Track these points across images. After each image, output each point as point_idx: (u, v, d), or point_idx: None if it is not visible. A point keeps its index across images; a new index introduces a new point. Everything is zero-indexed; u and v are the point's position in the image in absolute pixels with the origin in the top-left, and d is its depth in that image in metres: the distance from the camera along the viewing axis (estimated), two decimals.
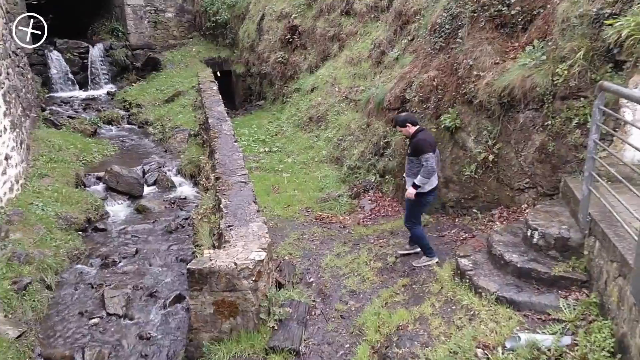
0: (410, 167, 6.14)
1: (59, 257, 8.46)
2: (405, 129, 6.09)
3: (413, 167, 6.07)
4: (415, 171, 6.02)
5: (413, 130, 6.06)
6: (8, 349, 5.93)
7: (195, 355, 6.09)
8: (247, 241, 6.79)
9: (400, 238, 7.67)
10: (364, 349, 5.35)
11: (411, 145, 6.07)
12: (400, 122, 6.12)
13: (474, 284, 5.04)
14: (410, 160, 6.11)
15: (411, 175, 6.10)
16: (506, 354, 4.01)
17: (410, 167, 6.14)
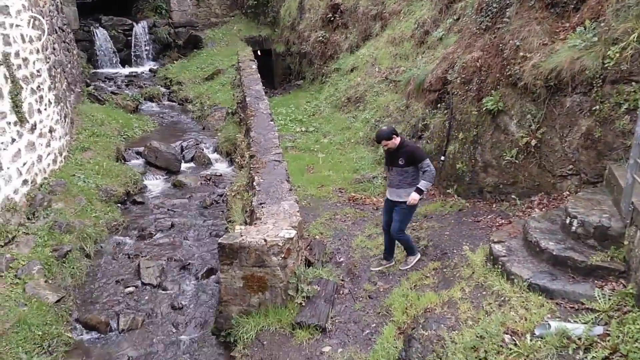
0: (403, 178, 5.97)
1: (98, 227, 8.76)
2: (391, 141, 5.85)
3: (407, 177, 5.95)
4: (409, 181, 5.93)
5: (398, 142, 5.91)
6: (47, 313, 6.21)
7: (224, 327, 6.22)
8: (278, 219, 6.83)
9: (433, 222, 7.53)
10: (390, 329, 5.31)
11: (403, 155, 5.88)
12: (386, 135, 5.85)
13: (507, 270, 4.88)
14: (403, 171, 5.94)
15: (405, 185, 5.96)
16: (534, 340, 3.87)
17: (403, 178, 5.97)
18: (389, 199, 6.21)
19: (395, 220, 6.12)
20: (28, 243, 7.18)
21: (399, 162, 5.87)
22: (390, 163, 6.06)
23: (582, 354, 3.59)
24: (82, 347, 6.20)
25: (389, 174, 6.17)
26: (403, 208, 6.02)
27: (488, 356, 4.01)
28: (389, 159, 6.09)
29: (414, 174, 5.91)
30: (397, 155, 5.89)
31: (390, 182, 6.14)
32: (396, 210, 6.10)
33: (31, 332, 5.76)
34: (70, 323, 6.49)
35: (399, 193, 6.00)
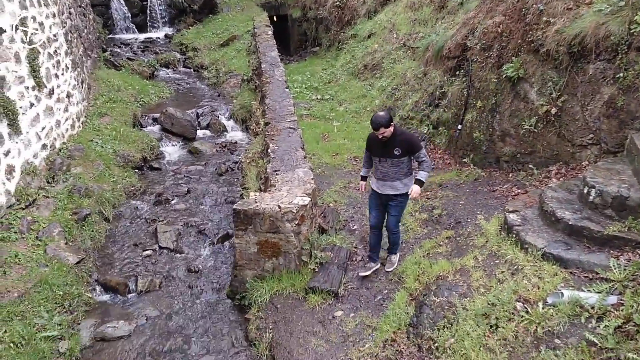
0: (399, 169, 5.35)
1: (116, 192, 8.91)
2: (388, 129, 5.11)
3: (403, 168, 5.36)
4: (405, 171, 5.38)
5: (393, 129, 5.21)
6: (68, 273, 6.40)
7: (239, 290, 6.35)
8: (292, 186, 6.85)
9: (448, 191, 7.48)
10: (402, 295, 5.36)
11: (399, 144, 5.22)
12: (385, 122, 5.06)
13: (521, 239, 4.85)
14: (399, 161, 5.31)
15: (401, 177, 5.38)
16: (546, 308, 3.88)
17: (399, 169, 5.35)
18: (381, 193, 5.54)
19: (393, 214, 5.61)
20: (48, 206, 7.34)
21: (395, 152, 5.23)
22: (382, 154, 5.34)
23: (595, 323, 3.59)
24: (102, 307, 6.40)
25: (380, 165, 5.43)
26: (400, 201, 5.52)
27: (499, 323, 4.04)
28: (381, 149, 5.33)
29: (408, 163, 5.38)
30: (392, 144, 5.23)
31: (384, 175, 5.43)
32: (392, 204, 5.55)
33: (52, 292, 5.95)
34: (90, 284, 6.68)
35: (394, 185, 5.42)
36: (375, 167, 5.51)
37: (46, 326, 5.46)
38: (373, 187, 5.63)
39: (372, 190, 5.68)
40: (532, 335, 3.79)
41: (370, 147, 5.56)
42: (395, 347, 4.75)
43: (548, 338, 3.70)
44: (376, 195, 5.64)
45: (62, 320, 5.66)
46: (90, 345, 5.64)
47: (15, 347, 5.03)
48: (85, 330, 5.80)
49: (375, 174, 5.55)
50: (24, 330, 5.22)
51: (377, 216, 5.78)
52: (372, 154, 5.54)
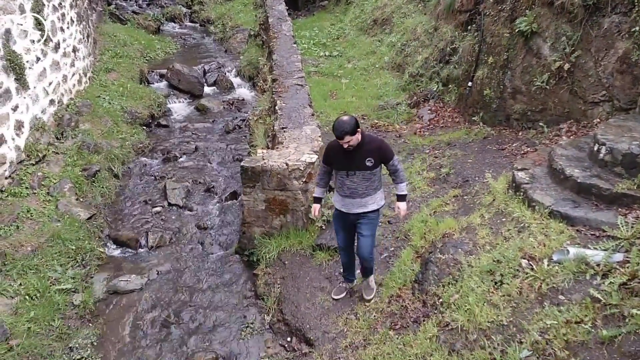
0: (370, 183, 4.43)
1: (125, 148, 8.95)
2: (355, 137, 4.17)
3: (374, 181, 4.44)
4: (376, 185, 4.48)
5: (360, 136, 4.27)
6: (79, 229, 6.51)
7: (247, 247, 6.45)
8: (300, 143, 6.82)
9: (457, 149, 7.42)
10: (408, 252, 5.41)
11: (370, 153, 4.29)
12: (351, 129, 4.10)
13: (529, 197, 4.83)
14: (370, 174, 4.38)
15: (371, 192, 4.47)
16: (552, 266, 3.90)
17: (370, 183, 4.43)
18: (350, 212, 4.57)
19: (367, 235, 4.63)
20: (58, 162, 7.39)
21: (367, 164, 4.29)
22: (350, 166, 4.35)
23: (600, 280, 3.61)
24: (113, 261, 6.54)
25: (347, 181, 4.41)
26: (373, 218, 4.61)
27: (504, 279, 4.08)
28: (347, 160, 4.33)
29: (379, 175, 4.47)
30: (361, 154, 4.28)
31: (352, 192, 4.44)
32: (363, 222, 4.58)
33: (65, 247, 6.07)
34: (101, 239, 6.81)
35: (364, 203, 4.48)
36: (340, 183, 4.48)
37: (60, 279, 5.61)
38: (337, 207, 4.65)
39: (337, 210, 4.71)
40: (536, 291, 3.83)
41: (331, 160, 4.48)
42: (400, 302, 4.84)
43: (552, 294, 3.74)
44: (342, 215, 4.65)
45: (76, 274, 5.81)
46: (103, 298, 5.81)
47: (31, 300, 5.19)
48: (98, 283, 5.95)
49: (340, 190, 4.53)
50: (39, 283, 5.37)
51: (345, 238, 4.84)
52: (335, 168, 4.50)
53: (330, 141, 4.47)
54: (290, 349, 5.00)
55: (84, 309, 5.45)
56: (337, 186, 4.61)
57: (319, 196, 4.82)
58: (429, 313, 4.44)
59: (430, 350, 3.96)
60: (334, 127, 4.15)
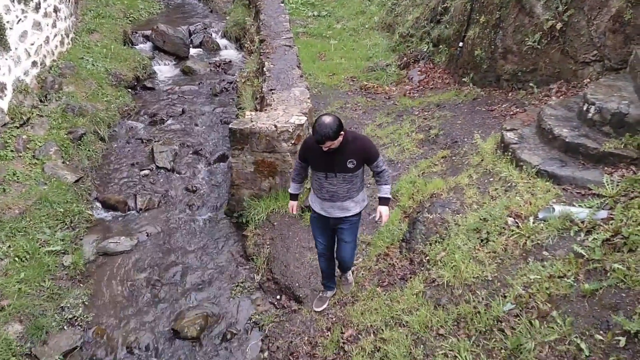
0: (351, 186, 3.94)
1: (111, 111, 8.79)
2: (338, 139, 3.64)
3: (356, 183, 3.96)
4: (358, 186, 4.00)
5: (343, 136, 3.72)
6: (67, 192, 6.46)
7: (236, 209, 6.46)
8: (288, 105, 6.75)
9: (446, 111, 7.39)
10: (396, 213, 5.46)
11: (353, 154, 3.78)
12: (333, 134, 3.55)
13: (517, 157, 4.85)
14: (352, 176, 3.88)
15: (353, 194, 3.99)
16: (537, 223, 3.97)
17: (351, 186, 3.94)
18: (329, 217, 4.10)
19: (347, 240, 4.23)
20: (43, 125, 7.26)
21: (348, 165, 3.78)
22: (330, 168, 3.84)
23: (584, 236, 3.68)
24: (102, 224, 6.53)
25: (326, 183, 3.92)
26: (354, 222, 4.18)
27: (490, 237, 4.14)
28: (327, 161, 3.81)
29: (362, 176, 4.02)
30: (343, 155, 3.76)
31: (332, 195, 3.95)
32: (344, 227, 4.16)
33: (53, 209, 6.03)
34: (89, 202, 6.77)
35: (345, 206, 4.01)
36: (318, 185, 4.00)
37: (49, 241, 5.60)
38: (316, 209, 4.17)
39: (315, 213, 4.22)
40: (521, 248, 3.90)
41: (308, 157, 4.00)
42: (388, 260, 4.92)
43: (536, 251, 3.81)
44: (320, 219, 4.20)
45: (65, 236, 5.80)
46: (93, 260, 5.82)
47: (20, 261, 5.19)
48: (87, 245, 5.95)
49: (319, 192, 4.05)
50: (28, 245, 5.36)
51: (325, 242, 4.39)
52: (312, 167, 4.01)
53: (308, 137, 4.00)
54: (280, 306, 5.09)
55: (74, 270, 5.47)
56: (314, 187, 4.09)
57: (294, 192, 4.38)
58: (416, 270, 4.52)
59: (417, 305, 4.04)
60: (314, 129, 3.58)
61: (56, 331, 4.76)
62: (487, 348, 3.38)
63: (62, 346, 4.63)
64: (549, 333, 3.16)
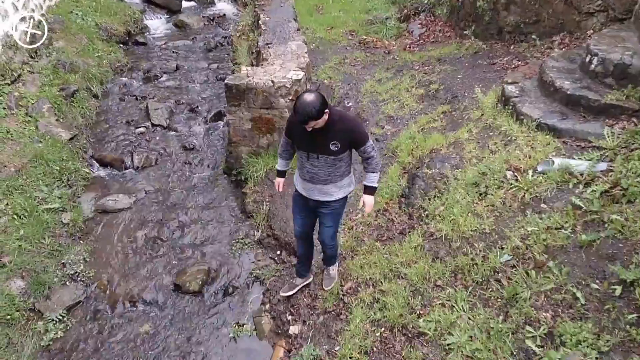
0: (334, 170, 3.66)
1: (103, 67, 8.61)
2: (322, 118, 3.35)
3: (340, 167, 3.68)
4: (342, 171, 3.72)
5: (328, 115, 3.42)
6: (62, 149, 6.39)
7: (234, 166, 6.43)
8: (285, 60, 6.62)
9: (447, 65, 7.26)
10: (395, 169, 5.45)
11: (337, 136, 3.48)
12: (316, 113, 3.27)
13: (517, 110, 4.79)
14: (335, 160, 3.60)
15: (336, 178, 3.72)
16: (536, 176, 3.96)
17: (334, 170, 3.66)
18: (310, 198, 3.87)
19: (328, 225, 3.98)
20: (34, 82, 7.10)
21: (331, 148, 3.51)
22: (312, 148, 3.59)
23: (582, 188, 3.68)
24: (100, 182, 6.50)
25: (307, 163, 3.68)
26: (335, 208, 3.90)
27: (488, 191, 4.15)
28: (309, 141, 3.57)
29: (347, 160, 3.74)
30: (326, 136, 3.50)
31: (312, 177, 3.72)
32: (324, 212, 3.92)
33: (49, 167, 5.99)
34: (85, 160, 6.72)
35: (326, 190, 3.76)
36: (301, 164, 3.78)
37: (47, 199, 5.59)
38: (297, 188, 3.96)
39: (296, 191, 4.01)
40: (520, 201, 3.91)
41: (292, 134, 3.74)
42: (387, 216, 4.94)
43: (535, 203, 3.82)
44: (301, 198, 3.97)
45: (62, 194, 5.78)
46: (92, 217, 5.83)
47: (19, 219, 5.18)
48: (86, 203, 5.94)
49: (300, 172, 3.83)
50: (25, 202, 5.34)
51: (303, 224, 4.15)
52: (296, 145, 3.77)
53: (292, 114, 3.58)
54: (280, 261, 5.15)
55: (73, 227, 5.49)
56: (298, 165, 3.87)
57: (281, 169, 4.14)
58: (415, 225, 4.55)
59: (415, 258, 4.09)
60: (295, 108, 3.32)
61: (59, 286, 4.82)
62: (484, 297, 3.44)
63: (66, 301, 4.70)
64: (545, 283, 3.21)
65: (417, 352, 3.34)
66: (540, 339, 2.95)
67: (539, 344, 2.93)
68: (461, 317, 3.37)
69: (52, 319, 4.50)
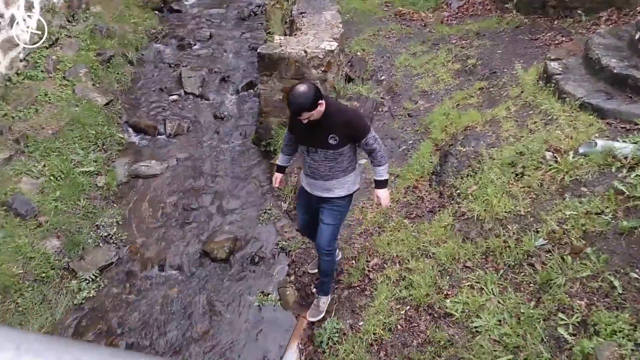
0: (334, 164, 3.52)
1: (138, 34, 8.65)
2: (317, 109, 3.25)
3: (342, 162, 3.53)
4: (345, 165, 3.55)
5: (324, 107, 3.32)
6: (98, 114, 6.50)
7: (264, 137, 6.42)
8: (319, 30, 6.50)
9: (485, 40, 7.00)
10: (428, 145, 5.33)
11: (335, 129, 3.37)
12: (309, 104, 3.19)
13: (560, 88, 4.59)
14: (336, 154, 3.46)
15: (338, 174, 3.57)
16: (577, 158, 3.80)
17: (334, 164, 3.52)
18: (311, 194, 3.74)
19: (327, 222, 3.74)
20: (71, 46, 7.19)
21: (330, 142, 3.39)
22: (311, 142, 3.50)
23: (626, 172, 3.51)
24: (133, 147, 6.60)
25: (308, 157, 3.59)
26: (339, 205, 3.72)
27: (525, 171, 4.01)
28: (308, 134, 3.47)
29: (350, 155, 3.56)
30: (323, 129, 3.38)
31: (313, 172, 3.60)
32: (325, 208, 3.72)
33: (85, 131, 6.10)
34: (120, 125, 6.82)
35: (328, 186, 3.62)
36: (303, 159, 3.70)
37: (82, 162, 5.71)
38: (302, 183, 3.86)
39: (302, 187, 3.90)
40: (558, 183, 3.77)
41: (293, 128, 3.68)
42: (416, 193, 4.86)
43: (574, 186, 3.68)
44: (305, 194, 3.84)
45: (97, 158, 5.90)
46: (125, 182, 5.94)
47: (55, 180, 5.33)
48: (120, 167, 6.05)
49: (304, 167, 3.75)
50: (62, 165, 5.47)
51: (305, 219, 4.08)
52: (297, 139, 3.69)
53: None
54: None
55: (107, 191, 5.61)
56: (303, 160, 3.77)
57: (281, 164, 3.98)
58: (445, 203, 4.46)
59: (444, 238, 4.02)
60: (289, 101, 3.25)
61: (92, 247, 4.97)
62: (515, 282, 3.36)
63: (99, 261, 4.85)
64: (581, 269, 3.10)
65: (443, 333, 3.31)
66: (573, 327, 2.87)
67: (571, 332, 2.86)
68: (490, 300, 3.31)
69: (85, 279, 4.65)
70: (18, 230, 4.70)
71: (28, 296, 4.34)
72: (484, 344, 3.07)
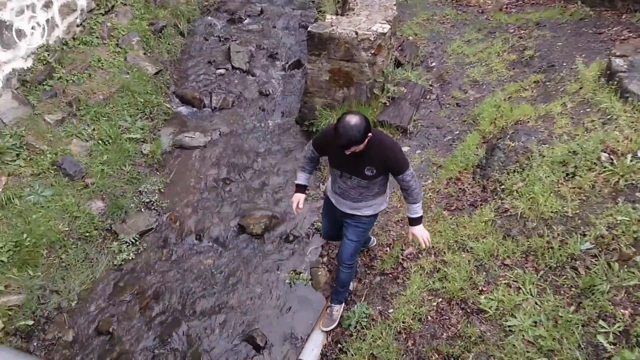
0: (366, 191, 3.41)
1: (191, 5, 8.73)
2: (364, 143, 3.05)
3: (373, 189, 3.42)
4: (375, 192, 3.44)
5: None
6: (147, 83, 6.63)
7: (307, 117, 6.40)
8: (372, 11, 6.37)
9: (546, 30, 6.68)
10: (474, 137, 5.17)
11: (374, 161, 3.20)
12: (360, 137, 2.97)
13: (623, 87, 4.32)
14: (369, 183, 3.34)
15: (368, 198, 3.46)
16: (635, 162, 3.58)
17: (366, 191, 3.41)
18: (339, 209, 3.64)
19: (350, 239, 3.67)
20: (126, 14, 7.32)
21: (366, 172, 3.26)
22: (346, 168, 3.34)
23: None
24: (178, 118, 6.71)
25: (340, 180, 3.45)
26: (364, 222, 3.63)
27: (577, 172, 3.82)
28: (344, 161, 3.28)
29: (383, 181, 3.44)
30: (361, 160, 3.21)
31: (343, 192, 3.50)
32: (350, 224, 3.64)
33: (134, 99, 6.24)
34: (168, 95, 6.94)
35: (357, 207, 3.53)
36: (333, 177, 3.57)
37: (130, 129, 5.85)
38: (328, 194, 3.75)
39: (327, 197, 3.80)
40: (612, 187, 3.58)
41: (324, 149, 3.48)
42: (459, 185, 4.74)
43: (629, 191, 3.48)
44: (330, 205, 3.73)
45: (144, 126, 6.04)
46: (169, 151, 6.06)
47: (103, 144, 5.49)
48: (165, 136, 6.17)
49: (332, 184, 3.61)
50: (110, 130, 5.63)
51: (329, 228, 4.05)
52: (329, 161, 3.49)
53: (329, 128, 3.30)
54: None
55: (152, 159, 5.74)
56: (330, 175, 3.64)
57: (302, 183, 3.75)
58: (488, 198, 4.33)
59: (484, 233, 3.91)
60: (337, 130, 2.99)
61: (134, 212, 5.12)
62: (556, 284, 3.23)
63: (140, 226, 4.99)
64: (629, 278, 2.95)
65: (474, 329, 3.24)
66: (614, 336, 2.74)
67: (611, 340, 2.73)
68: (527, 301, 3.20)
69: (126, 241, 4.80)
70: (66, 189, 4.88)
71: (72, 253, 4.52)
72: (516, 344, 2.98)
